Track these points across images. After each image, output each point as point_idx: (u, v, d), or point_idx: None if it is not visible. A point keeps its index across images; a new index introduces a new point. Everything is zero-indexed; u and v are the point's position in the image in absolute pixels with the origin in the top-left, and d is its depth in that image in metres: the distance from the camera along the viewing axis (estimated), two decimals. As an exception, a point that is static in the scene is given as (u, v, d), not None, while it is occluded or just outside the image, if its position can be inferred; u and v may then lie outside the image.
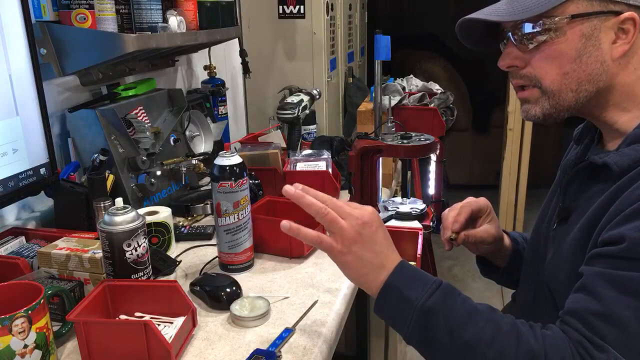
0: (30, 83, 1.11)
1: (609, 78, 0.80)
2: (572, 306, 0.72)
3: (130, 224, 0.92)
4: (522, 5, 0.79)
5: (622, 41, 0.78)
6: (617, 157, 0.77)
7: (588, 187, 0.83)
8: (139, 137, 1.37)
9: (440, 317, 0.73)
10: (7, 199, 1.07)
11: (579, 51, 0.78)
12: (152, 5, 1.31)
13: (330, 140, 1.74)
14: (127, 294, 0.91)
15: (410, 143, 1.23)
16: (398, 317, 0.77)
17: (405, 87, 1.99)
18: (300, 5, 2.16)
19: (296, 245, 1.15)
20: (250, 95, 2.35)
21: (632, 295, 0.68)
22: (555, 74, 0.80)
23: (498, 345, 0.71)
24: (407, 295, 0.76)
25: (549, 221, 0.93)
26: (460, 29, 0.87)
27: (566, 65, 0.79)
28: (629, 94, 0.81)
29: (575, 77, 0.79)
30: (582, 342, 0.69)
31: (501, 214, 3.42)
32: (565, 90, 0.81)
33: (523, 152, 3.30)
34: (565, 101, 0.81)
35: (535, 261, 0.94)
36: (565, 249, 0.82)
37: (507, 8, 0.81)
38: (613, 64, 0.79)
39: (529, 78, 0.83)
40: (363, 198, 1.26)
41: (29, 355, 0.75)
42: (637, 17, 0.76)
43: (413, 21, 5.55)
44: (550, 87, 0.81)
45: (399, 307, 0.76)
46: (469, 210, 1.03)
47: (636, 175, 0.73)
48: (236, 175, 1.05)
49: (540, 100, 0.83)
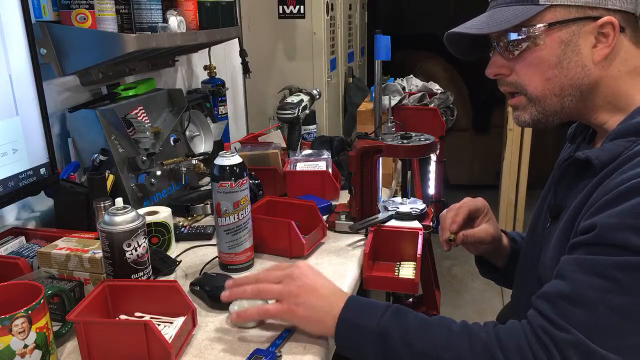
0: (30, 83, 1.11)
1: (592, 81, 0.82)
2: (544, 290, 0.75)
3: (130, 224, 0.92)
4: (502, 17, 0.83)
5: (603, 45, 0.80)
6: (598, 152, 0.79)
7: (575, 184, 0.84)
8: (139, 137, 1.37)
9: (395, 335, 0.77)
10: (7, 199, 1.07)
11: (559, 57, 0.81)
12: (152, 5, 1.31)
13: (330, 140, 1.74)
14: (127, 294, 0.90)
15: (410, 143, 1.23)
16: (359, 348, 0.81)
17: (405, 87, 1.99)
18: (300, 5, 2.16)
19: (296, 245, 1.15)
20: (250, 95, 2.35)
21: (599, 277, 0.69)
22: (538, 80, 0.83)
23: (453, 347, 0.74)
24: (361, 324, 0.80)
25: (543, 220, 0.94)
26: (448, 42, 0.92)
27: (547, 71, 0.82)
28: (615, 95, 0.83)
29: (557, 82, 0.82)
30: (543, 326, 0.71)
31: (501, 214, 3.42)
32: (550, 96, 0.84)
33: (523, 152, 3.30)
34: (551, 106, 0.84)
35: (530, 260, 0.95)
36: (559, 247, 0.83)
37: (487, 20, 0.85)
38: (595, 67, 0.81)
39: (515, 85, 0.86)
40: (363, 198, 1.26)
41: (29, 355, 0.75)
42: (615, 21, 0.78)
43: (413, 21, 5.56)
44: (534, 93, 0.84)
45: (357, 337, 0.80)
46: (466, 210, 1.04)
47: (614, 168, 0.76)
48: (236, 175, 1.05)
49: (528, 107, 0.86)
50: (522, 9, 0.81)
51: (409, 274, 1.12)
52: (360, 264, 1.15)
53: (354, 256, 1.18)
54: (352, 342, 0.81)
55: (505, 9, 0.84)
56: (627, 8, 0.79)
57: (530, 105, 0.86)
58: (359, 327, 0.80)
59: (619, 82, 0.82)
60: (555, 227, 0.86)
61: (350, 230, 1.27)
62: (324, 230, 1.25)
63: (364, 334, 0.79)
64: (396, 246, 1.17)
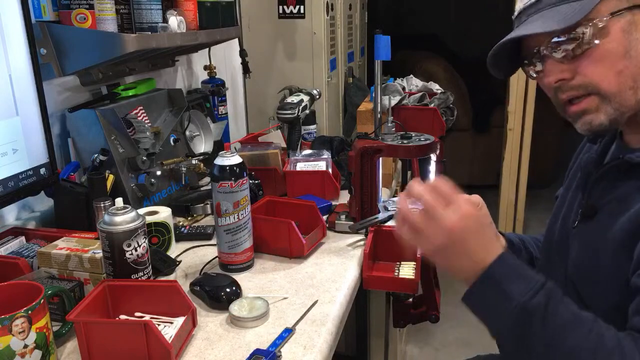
0: (30, 83, 1.11)
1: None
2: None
3: (130, 224, 0.92)
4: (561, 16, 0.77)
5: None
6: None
7: (618, 184, 0.83)
8: (139, 137, 1.37)
9: (540, 320, 0.71)
10: (7, 199, 1.07)
11: (626, 47, 0.77)
12: (152, 5, 1.31)
13: (330, 140, 1.74)
14: (127, 294, 0.90)
15: (410, 143, 1.23)
16: (494, 310, 0.75)
17: (405, 87, 1.98)
18: (300, 5, 2.16)
19: (296, 245, 1.15)
20: (250, 95, 2.35)
21: None
22: (611, 75, 0.78)
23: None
24: (507, 291, 0.73)
25: (565, 219, 0.93)
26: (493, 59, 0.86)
27: (618, 63, 0.77)
28: None
29: (629, 73, 0.78)
30: None
31: (501, 214, 3.42)
32: (624, 89, 0.78)
33: (523, 152, 3.29)
34: (627, 101, 0.79)
35: (552, 259, 0.94)
36: (600, 246, 0.81)
37: (546, 22, 0.79)
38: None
39: (583, 87, 0.80)
40: (363, 198, 1.26)
41: (29, 355, 0.75)
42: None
43: (413, 21, 5.55)
44: (609, 90, 0.78)
45: (497, 300, 0.74)
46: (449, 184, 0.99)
47: None
48: (236, 175, 1.05)
49: (602, 107, 0.80)
50: (576, 5, 0.77)
51: (409, 274, 1.12)
52: (360, 264, 1.15)
53: (354, 256, 1.18)
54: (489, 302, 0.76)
55: (554, 9, 0.79)
56: None
57: (605, 104, 0.79)
58: (502, 291, 0.73)
59: None
60: (589, 226, 0.85)
61: (350, 230, 1.27)
62: (324, 230, 1.25)
63: (507, 302, 0.73)
64: (396, 246, 1.17)
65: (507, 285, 0.73)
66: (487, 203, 1.11)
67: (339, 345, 0.97)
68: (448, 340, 2.54)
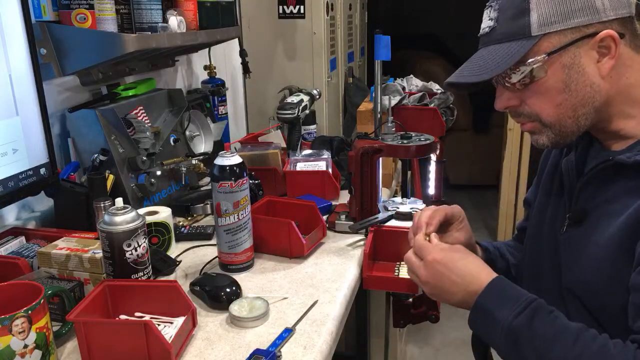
0: (30, 83, 1.11)
1: (604, 95, 0.81)
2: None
3: (130, 224, 0.92)
4: (498, 58, 0.82)
5: (607, 57, 0.79)
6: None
7: (607, 186, 0.83)
8: (139, 137, 1.37)
9: (525, 337, 0.75)
10: (7, 199, 1.07)
11: (565, 82, 0.80)
12: (152, 5, 1.31)
13: (330, 140, 1.74)
14: (127, 294, 0.91)
15: (410, 143, 1.23)
16: (488, 336, 0.81)
17: (405, 87, 1.99)
18: (300, 5, 2.16)
19: (296, 245, 1.15)
20: (250, 95, 2.35)
21: None
22: (550, 107, 0.83)
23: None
24: (494, 316, 0.78)
25: (552, 225, 0.93)
26: (448, 87, 0.93)
27: (557, 97, 0.82)
28: (628, 101, 0.82)
29: (569, 105, 0.82)
30: None
31: (501, 214, 3.42)
32: (564, 119, 0.83)
33: (523, 152, 3.29)
34: (567, 127, 0.84)
35: (543, 267, 0.94)
36: (594, 250, 0.81)
37: (483, 64, 0.84)
38: (604, 82, 0.80)
39: (528, 115, 0.86)
40: (363, 198, 1.26)
41: (29, 355, 0.75)
42: (613, 33, 0.77)
43: (413, 21, 5.54)
44: (548, 120, 0.84)
45: (489, 326, 0.79)
46: (443, 213, 0.98)
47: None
48: (236, 175, 1.05)
49: (544, 131, 0.86)
50: (516, 46, 0.80)
51: (409, 274, 1.12)
52: (360, 264, 1.15)
53: (354, 256, 1.18)
54: (484, 328, 0.81)
55: (497, 47, 0.82)
56: (622, 14, 0.78)
57: (546, 129, 0.85)
58: (492, 317, 0.79)
59: (630, 89, 0.81)
60: (579, 231, 0.85)
61: (350, 230, 1.27)
62: (324, 230, 1.25)
63: (496, 325, 0.78)
64: (396, 246, 1.17)
65: (493, 311, 0.79)
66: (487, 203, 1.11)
67: (339, 345, 0.97)
68: (448, 340, 2.54)
